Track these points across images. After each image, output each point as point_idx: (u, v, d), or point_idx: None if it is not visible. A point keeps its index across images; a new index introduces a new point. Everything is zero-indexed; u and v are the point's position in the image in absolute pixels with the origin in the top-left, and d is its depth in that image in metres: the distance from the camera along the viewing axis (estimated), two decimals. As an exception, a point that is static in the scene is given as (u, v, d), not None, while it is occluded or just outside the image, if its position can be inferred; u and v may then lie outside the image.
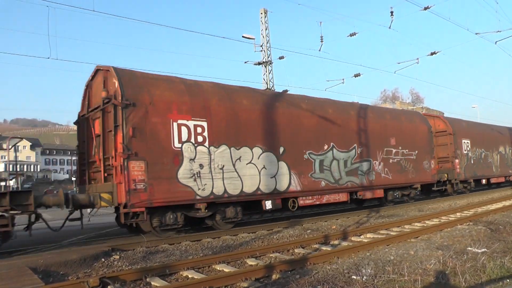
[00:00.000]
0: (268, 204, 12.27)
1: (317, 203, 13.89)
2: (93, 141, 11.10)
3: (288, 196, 12.81)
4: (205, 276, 6.60)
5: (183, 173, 10.47)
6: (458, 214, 14.00)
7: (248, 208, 12.61)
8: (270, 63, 24.88)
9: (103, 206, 9.89)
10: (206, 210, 10.88)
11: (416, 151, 17.95)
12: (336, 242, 9.58)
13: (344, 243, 9.37)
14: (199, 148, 10.87)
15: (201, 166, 10.83)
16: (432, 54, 20.85)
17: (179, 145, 10.53)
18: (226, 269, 7.16)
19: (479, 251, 7.69)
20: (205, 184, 10.81)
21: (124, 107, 9.77)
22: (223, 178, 11.18)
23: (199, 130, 10.93)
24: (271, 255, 8.27)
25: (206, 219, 11.48)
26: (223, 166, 11.25)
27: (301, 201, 13.23)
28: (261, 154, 12.17)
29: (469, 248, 8.02)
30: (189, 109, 10.89)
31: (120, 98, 9.80)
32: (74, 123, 12.72)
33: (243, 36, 24.15)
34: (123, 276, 6.59)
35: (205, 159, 10.94)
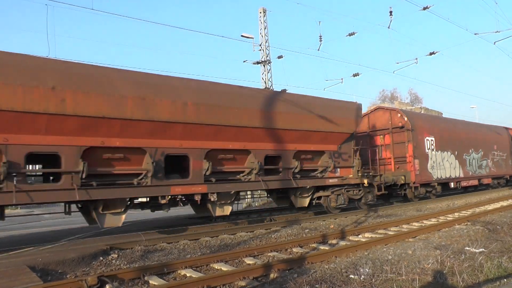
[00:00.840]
0: (452, 185, 20.42)
1: (467, 185, 22.00)
2: (374, 148, 18.31)
3: (457, 180, 20.84)
4: (203, 275, 6.61)
5: (428, 166, 18.62)
6: (456, 214, 14.04)
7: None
8: (269, 62, 24.89)
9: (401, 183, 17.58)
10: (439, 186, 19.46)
11: (506, 154, 26.59)
12: (334, 241, 9.60)
13: (342, 243, 9.39)
14: (433, 152, 19.08)
15: (433, 162, 18.98)
16: (431, 54, 20.93)
17: (427, 151, 18.77)
18: (224, 268, 7.17)
19: (477, 251, 7.72)
20: (435, 172, 18.99)
21: (411, 131, 17.91)
22: (439, 168, 19.33)
23: (432, 142, 19.19)
24: (269, 254, 8.28)
25: (428, 192, 19.07)
26: (439, 162, 19.42)
27: (462, 184, 21.31)
28: (450, 155, 20.45)
29: (467, 248, 8.05)
30: (429, 130, 19.24)
31: (410, 126, 17.91)
32: None
33: (241, 35, 24.16)
34: (121, 275, 6.58)
35: (434, 158, 19.06)
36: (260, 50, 24.85)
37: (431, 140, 19.05)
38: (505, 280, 5.89)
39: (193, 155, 10.75)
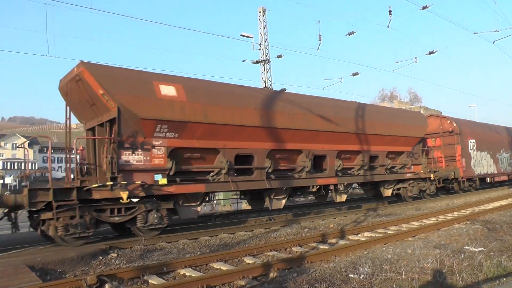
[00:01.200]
0: (488, 179, 24.09)
1: (498, 180, 25.67)
2: (427, 149, 20.27)
3: (492, 176, 24.52)
4: (202, 274, 6.61)
5: (471, 164, 22.14)
6: (455, 213, 14.04)
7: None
8: (268, 62, 24.86)
9: (452, 178, 20.77)
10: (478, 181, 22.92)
11: None
12: (333, 240, 9.60)
13: (342, 242, 9.39)
14: (474, 152, 22.64)
15: (475, 160, 22.46)
16: (430, 53, 20.89)
17: (470, 151, 22.25)
18: (224, 267, 7.17)
19: (476, 250, 7.72)
20: (476, 169, 22.57)
21: (459, 134, 21.43)
22: (479, 166, 22.88)
23: (473, 143, 22.65)
24: (268, 253, 8.28)
25: (470, 186, 22.61)
26: (479, 160, 22.93)
27: (496, 179, 25.04)
28: (486, 154, 23.97)
29: (466, 247, 8.06)
30: (471, 134, 22.69)
31: (458, 131, 21.50)
32: None
33: (241, 35, 24.13)
34: (120, 274, 6.59)
35: (475, 157, 22.59)
36: (260, 49, 24.82)
37: (473, 142, 22.96)
38: (504, 279, 5.90)
39: (330, 155, 14.54)
